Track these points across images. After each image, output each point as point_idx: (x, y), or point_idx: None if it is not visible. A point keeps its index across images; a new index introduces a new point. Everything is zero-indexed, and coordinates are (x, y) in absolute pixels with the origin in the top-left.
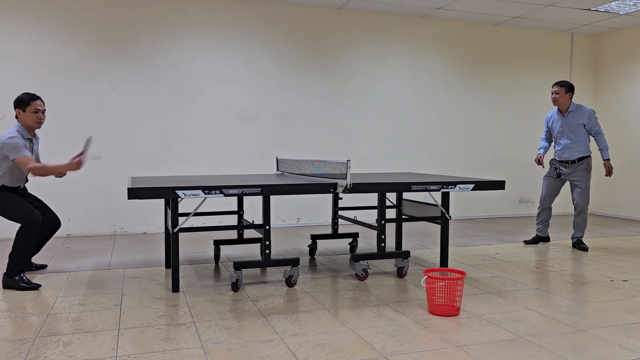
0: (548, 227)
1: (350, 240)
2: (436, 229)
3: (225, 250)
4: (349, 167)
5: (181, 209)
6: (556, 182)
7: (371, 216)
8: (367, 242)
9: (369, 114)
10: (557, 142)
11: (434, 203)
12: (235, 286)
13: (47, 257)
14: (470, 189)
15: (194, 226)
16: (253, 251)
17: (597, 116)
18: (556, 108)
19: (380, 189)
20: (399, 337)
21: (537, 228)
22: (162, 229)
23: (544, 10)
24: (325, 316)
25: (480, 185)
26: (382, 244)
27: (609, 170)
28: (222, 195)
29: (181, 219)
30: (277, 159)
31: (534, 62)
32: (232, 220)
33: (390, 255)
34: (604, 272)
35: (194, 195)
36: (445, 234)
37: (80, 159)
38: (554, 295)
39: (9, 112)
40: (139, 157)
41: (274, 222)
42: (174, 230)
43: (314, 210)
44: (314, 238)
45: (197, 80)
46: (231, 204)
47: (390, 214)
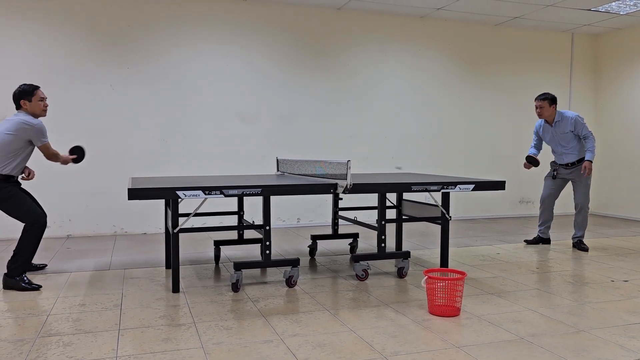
0: (549, 229)
1: (350, 240)
2: (436, 229)
3: (225, 251)
4: (349, 167)
5: (181, 209)
6: (557, 182)
7: (371, 216)
8: (368, 242)
9: (369, 114)
10: (552, 150)
11: (434, 203)
12: (236, 287)
13: (47, 258)
14: (471, 189)
15: (194, 227)
16: (253, 252)
17: (583, 120)
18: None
19: (381, 189)
20: (399, 337)
21: (539, 230)
22: (163, 230)
23: (544, 10)
24: (325, 317)
25: (481, 185)
26: (383, 245)
27: (584, 168)
28: (222, 195)
29: (181, 220)
30: (277, 160)
31: (534, 63)
32: (233, 220)
33: (390, 256)
34: (605, 273)
35: (194, 195)
36: (446, 234)
37: (68, 160)
38: (554, 295)
39: (10, 109)
40: (139, 158)
41: (274, 222)
42: (174, 231)
43: (314, 210)
44: (314, 238)
45: (197, 81)
46: (231, 204)
47: (391, 214)
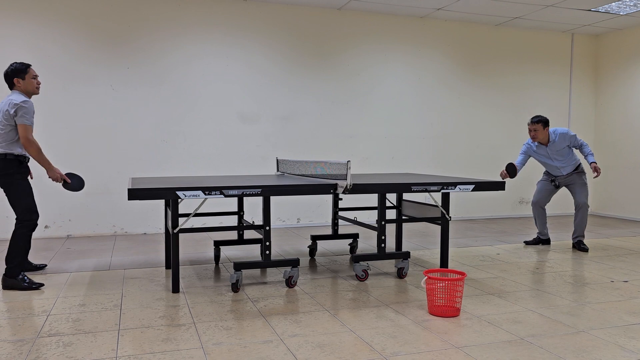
0: (547, 229)
1: (350, 240)
2: (436, 229)
3: (225, 251)
4: (349, 167)
5: (181, 209)
6: (551, 186)
7: (371, 217)
8: (367, 242)
9: (369, 114)
10: (549, 168)
11: (434, 204)
12: (235, 287)
13: (47, 258)
14: (471, 189)
15: (194, 227)
16: (253, 252)
17: (574, 132)
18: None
19: (381, 189)
20: (399, 338)
21: (538, 231)
22: (162, 230)
23: (544, 10)
24: (325, 317)
25: (481, 185)
26: (382, 245)
27: (595, 170)
28: (222, 196)
29: (181, 220)
30: (277, 160)
31: (534, 63)
32: (233, 220)
33: (390, 256)
34: (605, 273)
35: (194, 196)
36: (446, 234)
37: (60, 178)
38: (554, 296)
39: None
40: (140, 158)
41: (274, 222)
42: (174, 231)
43: (314, 210)
44: (314, 239)
45: (198, 81)
46: (231, 204)
47: (391, 214)
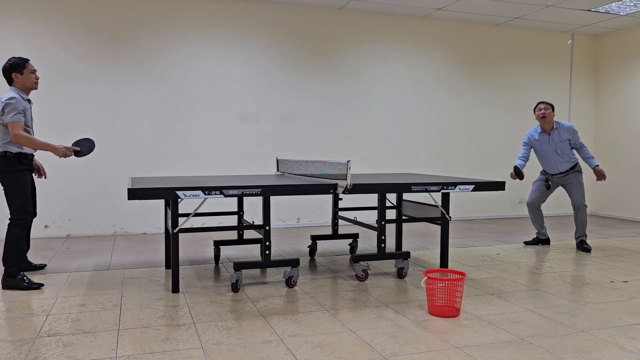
0: (545, 229)
1: (350, 240)
2: (436, 229)
3: (225, 251)
4: (349, 167)
5: (181, 209)
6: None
7: (371, 217)
8: (367, 242)
9: (369, 114)
10: (547, 161)
11: (434, 204)
12: (235, 287)
13: (47, 258)
14: (470, 189)
15: (194, 227)
16: (253, 252)
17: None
18: (534, 129)
19: (381, 189)
20: (398, 338)
21: (536, 232)
22: (162, 230)
23: (545, 11)
24: (325, 317)
25: (481, 186)
26: (382, 245)
27: (600, 174)
28: (222, 195)
29: (181, 220)
30: (277, 160)
31: (534, 63)
32: (232, 220)
33: (390, 256)
34: (605, 273)
35: (194, 195)
36: (445, 234)
37: (68, 151)
38: (554, 296)
39: None
40: (140, 158)
41: (274, 222)
42: (174, 231)
43: (314, 210)
44: (314, 239)
45: (198, 81)
46: (231, 204)
47: (391, 214)
